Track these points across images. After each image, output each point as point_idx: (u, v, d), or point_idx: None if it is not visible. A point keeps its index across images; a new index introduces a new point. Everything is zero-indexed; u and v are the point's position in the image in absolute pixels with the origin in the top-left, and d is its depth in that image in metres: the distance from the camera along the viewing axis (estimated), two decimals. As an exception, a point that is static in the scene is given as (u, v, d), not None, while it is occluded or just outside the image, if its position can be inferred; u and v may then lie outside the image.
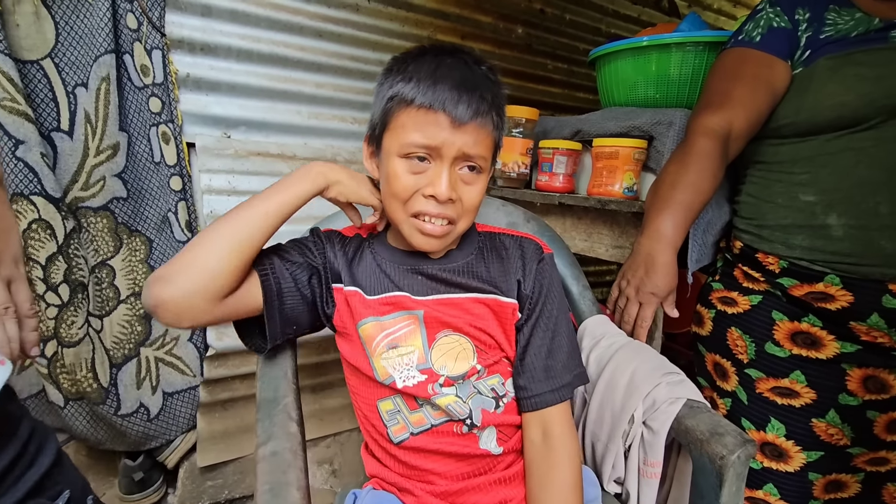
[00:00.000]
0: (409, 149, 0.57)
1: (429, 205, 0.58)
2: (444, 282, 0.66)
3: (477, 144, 0.58)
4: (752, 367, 0.84)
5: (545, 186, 1.15)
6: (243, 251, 0.56)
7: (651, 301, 0.79)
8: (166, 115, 1.06)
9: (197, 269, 0.53)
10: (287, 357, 0.67)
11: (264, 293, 0.59)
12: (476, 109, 0.56)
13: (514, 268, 0.68)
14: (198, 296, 0.53)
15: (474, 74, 0.58)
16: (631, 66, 1.10)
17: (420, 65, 0.58)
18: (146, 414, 1.06)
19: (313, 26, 1.21)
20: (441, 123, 0.55)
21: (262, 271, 0.60)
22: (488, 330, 0.65)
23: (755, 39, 0.82)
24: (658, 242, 0.78)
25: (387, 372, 0.62)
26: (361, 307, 0.64)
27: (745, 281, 0.87)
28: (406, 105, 0.57)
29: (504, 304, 0.66)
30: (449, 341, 0.63)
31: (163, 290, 0.52)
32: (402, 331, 0.63)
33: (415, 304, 0.64)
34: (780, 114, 0.81)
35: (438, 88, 0.55)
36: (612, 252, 1.02)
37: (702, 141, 0.81)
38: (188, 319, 0.54)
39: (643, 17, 1.88)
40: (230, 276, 0.55)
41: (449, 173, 0.57)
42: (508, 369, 0.67)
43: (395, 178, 0.59)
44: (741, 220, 0.89)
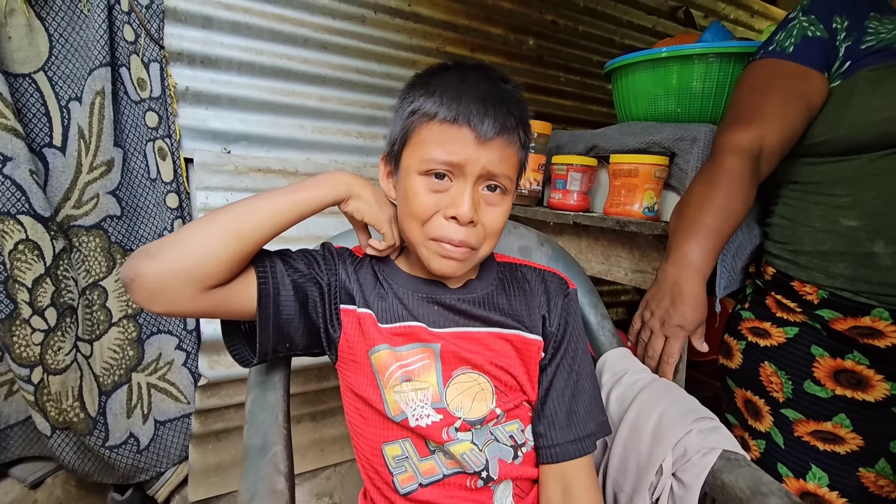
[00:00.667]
0: (430, 165, 0.53)
1: (449, 229, 0.54)
2: (462, 313, 0.60)
3: (502, 162, 0.54)
4: (789, 408, 0.76)
5: (558, 204, 1.09)
6: (242, 241, 0.50)
7: (678, 335, 0.72)
8: (163, 130, 1.02)
9: (187, 247, 0.48)
10: (279, 395, 0.61)
11: (259, 296, 0.53)
12: (503, 125, 0.52)
13: (538, 302, 0.63)
14: (182, 277, 0.47)
15: (500, 90, 0.55)
16: (650, 79, 1.04)
17: (444, 79, 0.55)
18: (136, 445, 1.00)
19: (318, 38, 1.17)
20: (465, 139, 0.52)
21: (262, 272, 0.54)
22: (510, 369, 0.59)
23: (788, 50, 0.76)
24: (685, 270, 0.72)
25: (399, 407, 0.56)
26: (375, 332, 0.58)
27: (778, 311, 0.80)
28: (428, 119, 0.53)
29: (528, 341, 0.60)
30: (466, 380, 0.58)
31: (144, 262, 0.47)
32: (416, 364, 0.57)
33: (431, 336, 0.58)
34: (817, 130, 0.74)
35: (463, 102, 0.52)
36: (631, 276, 0.95)
37: (731, 159, 0.74)
38: (165, 301, 0.48)
39: (658, 28, 1.82)
40: (222, 265, 0.49)
41: (472, 193, 0.53)
42: (529, 415, 0.60)
43: (415, 196, 0.54)
44: (773, 244, 0.82)
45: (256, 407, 0.58)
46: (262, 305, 0.53)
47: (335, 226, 1.14)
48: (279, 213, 0.53)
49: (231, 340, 0.58)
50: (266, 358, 0.57)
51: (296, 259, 0.59)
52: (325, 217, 0.87)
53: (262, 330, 0.54)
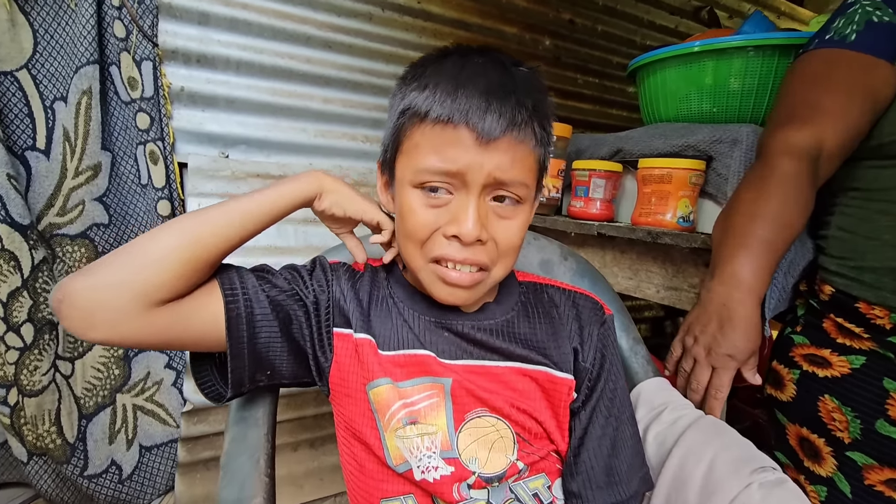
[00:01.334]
0: (424, 176, 0.45)
1: (451, 247, 0.45)
2: (478, 344, 0.51)
3: (514, 166, 0.44)
4: (858, 450, 0.66)
5: (580, 213, 1.00)
6: (198, 246, 0.43)
7: (728, 365, 0.62)
8: (155, 133, 0.95)
9: (129, 255, 0.41)
10: (262, 434, 0.52)
11: (228, 316, 0.45)
12: (511, 119, 0.43)
13: (568, 332, 0.54)
14: (122, 288, 0.39)
15: (510, 77, 0.45)
16: (681, 76, 0.95)
17: (439, 69, 0.45)
18: (117, 474, 0.92)
19: (321, 36, 1.11)
20: (463, 141, 0.43)
21: (229, 287, 0.45)
22: (535, 413, 0.50)
23: (849, 38, 0.66)
24: (736, 290, 0.62)
25: (402, 455, 0.47)
26: (374, 362, 0.49)
27: (840, 336, 0.70)
28: (420, 120, 0.45)
29: (558, 381, 0.51)
30: (483, 424, 0.48)
31: (76, 278, 0.39)
32: (423, 403, 0.48)
33: (441, 368, 0.49)
34: (885, 129, 0.64)
35: (460, 96, 0.42)
36: (664, 294, 0.85)
37: (785, 162, 0.65)
38: (104, 323, 0.39)
39: (681, 29, 1.74)
40: (174, 271, 0.41)
41: (477, 206, 0.44)
42: (558, 467, 0.51)
43: (410, 213, 0.46)
44: (830, 259, 0.72)
45: (234, 449, 0.50)
46: (233, 326, 0.45)
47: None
48: (242, 215, 0.46)
49: (201, 373, 0.49)
50: (242, 390, 0.48)
51: (274, 275, 0.50)
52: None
53: (235, 356, 0.45)
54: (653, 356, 0.77)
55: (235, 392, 0.48)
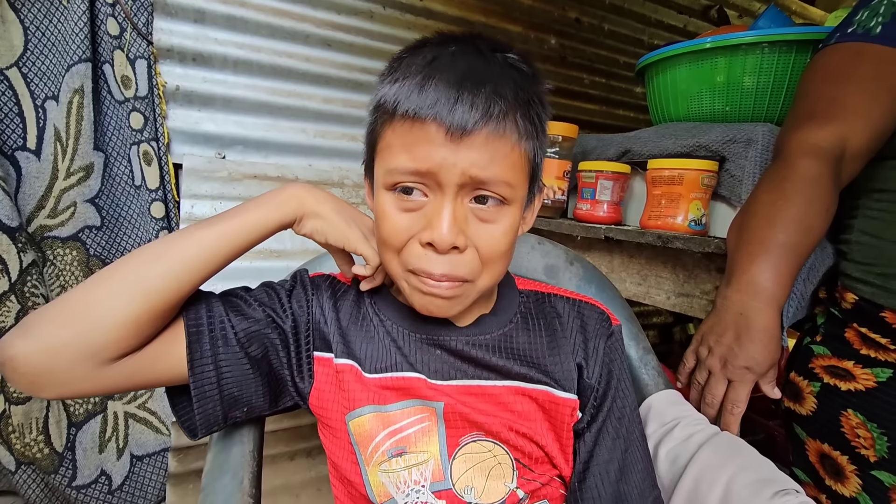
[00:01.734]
0: (395, 177, 0.41)
1: (428, 260, 0.40)
2: (472, 361, 0.47)
3: (493, 163, 0.39)
4: (885, 470, 0.62)
5: (586, 216, 0.97)
6: (149, 297, 0.38)
7: (745, 379, 0.59)
8: (149, 133, 0.93)
9: (69, 311, 0.37)
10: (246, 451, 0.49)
11: (191, 360, 0.41)
12: (485, 110, 0.38)
13: (572, 346, 0.49)
14: (66, 351, 0.36)
15: (488, 63, 0.40)
16: (692, 74, 0.91)
17: (413, 59, 0.41)
18: (107, 484, 0.89)
19: (321, 35, 1.08)
20: (433, 138, 0.38)
21: (192, 326, 0.42)
22: (536, 437, 0.46)
23: (874, 31, 0.62)
24: (754, 299, 0.58)
25: (386, 492, 0.44)
26: (357, 388, 0.46)
27: (864, 347, 0.66)
28: (389, 117, 0.41)
29: (559, 401, 0.47)
30: (478, 450, 0.45)
31: (14, 340, 0.36)
32: (413, 428, 0.45)
33: (432, 391, 0.45)
34: (915, 127, 0.61)
35: (427, 87, 0.38)
36: (675, 301, 0.81)
37: (806, 163, 0.61)
38: (52, 385, 0.37)
39: (689, 28, 1.70)
40: (122, 329, 0.37)
41: (453, 209, 0.40)
42: (561, 492, 0.47)
43: (383, 218, 0.42)
44: (853, 265, 0.68)
45: (216, 468, 0.47)
46: (197, 372, 0.41)
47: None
48: (201, 251, 0.41)
49: (178, 405, 0.45)
50: (215, 430, 0.45)
51: (247, 302, 0.46)
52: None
53: (202, 400, 0.42)
54: (664, 366, 0.73)
55: (207, 431, 0.44)
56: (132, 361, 0.39)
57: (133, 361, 0.39)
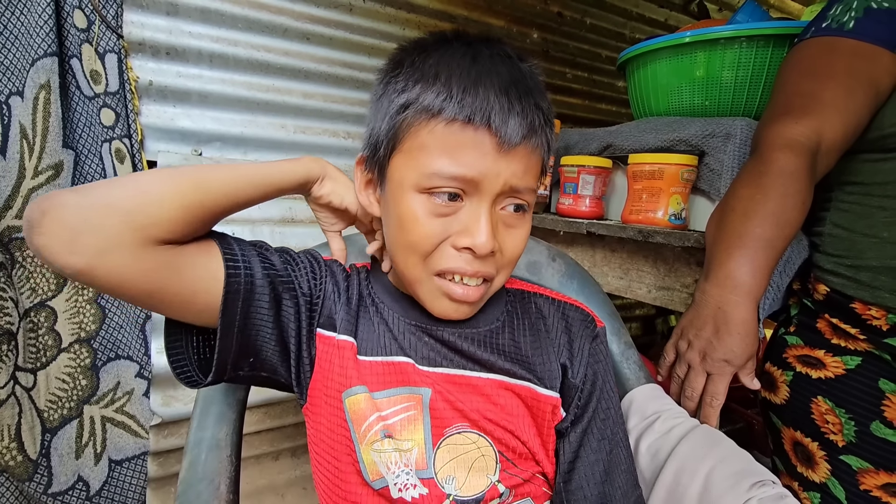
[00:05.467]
0: (435, 181, 0.40)
1: (462, 260, 0.41)
2: (460, 352, 0.47)
3: (527, 173, 0.42)
4: (852, 454, 0.63)
5: (569, 211, 0.97)
6: (201, 191, 0.38)
7: (724, 371, 0.60)
8: (121, 129, 0.90)
9: (128, 184, 0.36)
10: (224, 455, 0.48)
11: (226, 290, 0.39)
12: (531, 125, 0.40)
13: (556, 346, 0.50)
14: (119, 213, 0.34)
15: (524, 74, 0.42)
16: (672, 68, 0.92)
17: (448, 58, 0.41)
18: (85, 490, 0.87)
19: (299, 28, 1.06)
20: (483, 146, 0.39)
21: (230, 256, 0.40)
22: (519, 433, 0.46)
23: (847, 25, 0.63)
24: (732, 292, 0.59)
25: (378, 471, 0.43)
26: (351, 367, 0.45)
27: (834, 337, 0.67)
28: (430, 117, 0.40)
29: (542, 398, 0.47)
30: (462, 441, 0.45)
31: (65, 194, 0.34)
32: (398, 417, 0.44)
33: (419, 377, 0.46)
34: (887, 120, 0.62)
35: (480, 94, 0.39)
36: (655, 294, 0.82)
37: (783, 157, 0.62)
38: (89, 248, 0.33)
39: (670, 22, 1.71)
40: (175, 211, 0.36)
41: (490, 215, 0.41)
42: (544, 490, 0.47)
43: (415, 222, 0.41)
44: (826, 257, 0.69)
45: (191, 476, 0.45)
46: (230, 300, 0.39)
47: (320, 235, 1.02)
48: (246, 178, 0.42)
49: (176, 351, 0.42)
50: (222, 377, 0.42)
51: (271, 253, 0.46)
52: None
53: (225, 335, 0.39)
54: (645, 359, 0.74)
55: (216, 378, 0.42)
56: (168, 254, 0.37)
57: (169, 254, 0.37)
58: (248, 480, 1.07)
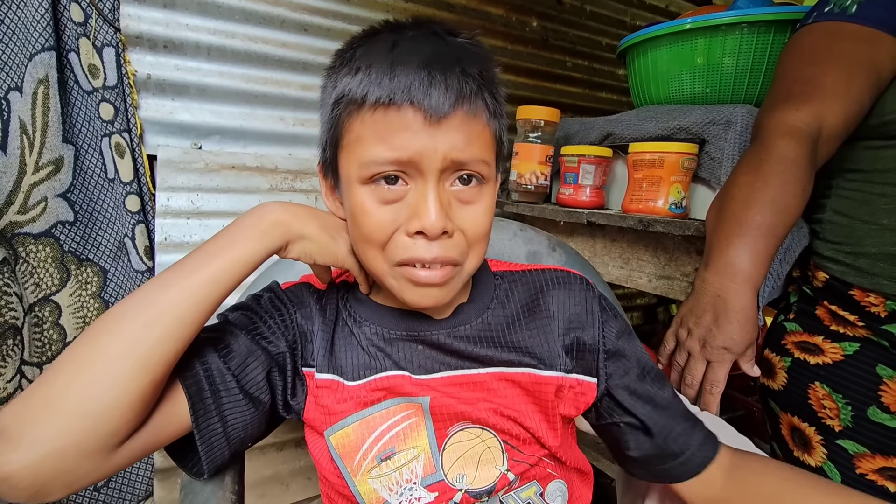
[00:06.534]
0: (372, 169, 0.39)
1: (418, 247, 0.40)
2: (455, 353, 0.47)
3: (470, 143, 0.40)
4: (849, 439, 0.64)
5: (569, 201, 0.97)
6: (152, 365, 0.35)
7: (723, 358, 0.60)
8: (121, 124, 0.90)
9: (69, 407, 0.33)
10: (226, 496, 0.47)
11: (196, 418, 0.40)
12: (459, 91, 0.38)
13: (555, 322, 0.49)
14: (74, 451, 0.32)
15: (449, 45, 0.40)
16: (672, 56, 0.92)
17: (370, 48, 0.40)
18: (93, 481, 0.89)
19: (297, 19, 1.05)
20: (410, 123, 0.38)
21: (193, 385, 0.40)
22: (521, 419, 0.46)
23: (850, 10, 0.63)
24: (731, 280, 0.59)
25: (378, 497, 0.44)
26: (335, 402, 0.45)
27: (833, 323, 0.68)
28: (358, 108, 0.39)
29: (542, 381, 0.47)
30: (467, 438, 0.45)
31: (6, 456, 0.31)
32: (399, 426, 0.45)
33: (417, 387, 0.45)
34: (888, 107, 0.62)
35: (399, 71, 0.37)
36: (656, 283, 0.82)
37: (784, 144, 0.62)
38: (61, 489, 0.33)
39: (672, 8, 1.69)
40: (130, 409, 0.34)
41: (437, 193, 0.39)
42: (549, 471, 0.48)
43: (364, 214, 0.41)
44: (825, 244, 0.70)
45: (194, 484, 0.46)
46: (202, 427, 0.40)
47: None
48: (195, 303, 0.38)
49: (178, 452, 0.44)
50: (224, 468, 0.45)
51: (233, 334, 0.44)
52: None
53: (209, 450, 0.41)
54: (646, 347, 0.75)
55: (215, 472, 0.44)
56: (139, 438, 0.37)
57: (139, 438, 0.37)
58: (253, 471, 1.08)
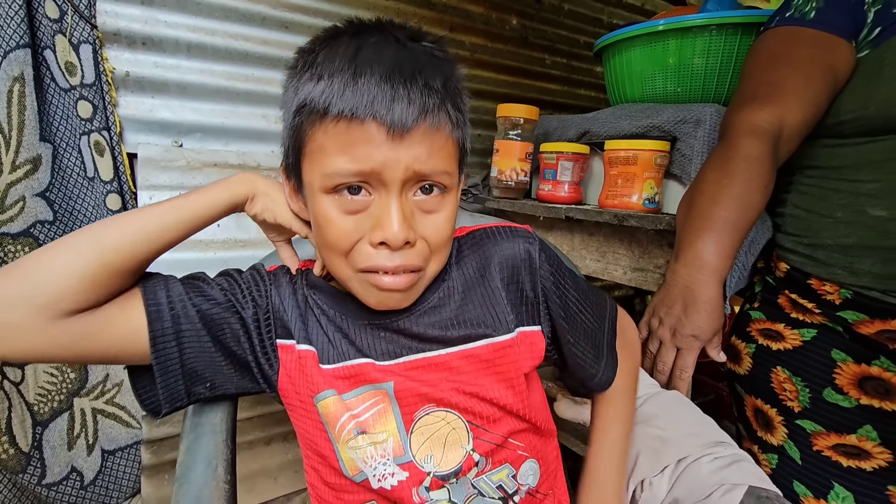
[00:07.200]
0: (335, 179, 0.40)
1: (381, 256, 0.41)
2: (415, 337, 0.49)
3: (433, 155, 0.41)
4: (807, 419, 0.69)
5: (548, 197, 1.00)
6: (107, 254, 0.40)
7: (692, 346, 0.64)
8: (100, 122, 0.89)
9: (24, 267, 0.38)
10: (219, 440, 0.50)
11: (152, 331, 0.42)
12: (422, 106, 0.39)
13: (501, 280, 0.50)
14: (21, 301, 0.37)
15: (412, 54, 0.40)
16: (646, 56, 0.95)
17: (332, 52, 0.40)
18: (79, 480, 0.89)
19: (277, 16, 1.05)
20: (373, 136, 0.38)
21: (152, 299, 0.43)
22: (484, 393, 0.48)
23: (809, 15, 0.67)
24: (699, 272, 0.63)
25: (356, 466, 0.46)
26: (317, 375, 0.47)
27: (793, 311, 0.72)
28: (320, 118, 0.40)
29: (500, 346, 0.49)
30: (432, 421, 0.47)
31: None
32: (370, 412, 0.47)
33: (381, 373, 0.47)
34: (843, 107, 0.66)
35: (361, 84, 0.38)
36: (631, 275, 0.86)
37: (748, 142, 0.65)
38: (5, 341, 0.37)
39: (647, 7, 1.73)
40: (78, 280, 0.38)
41: (400, 204, 0.40)
42: (519, 453, 0.50)
43: (328, 223, 0.42)
44: (786, 236, 0.74)
45: (189, 459, 0.48)
46: (158, 343, 0.43)
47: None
48: (159, 221, 0.43)
49: (139, 381, 0.46)
50: (179, 405, 0.46)
51: (209, 284, 0.47)
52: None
53: (164, 372, 0.44)
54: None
55: (171, 408, 0.46)
56: (86, 319, 0.39)
57: (87, 319, 0.40)
58: (242, 465, 1.09)
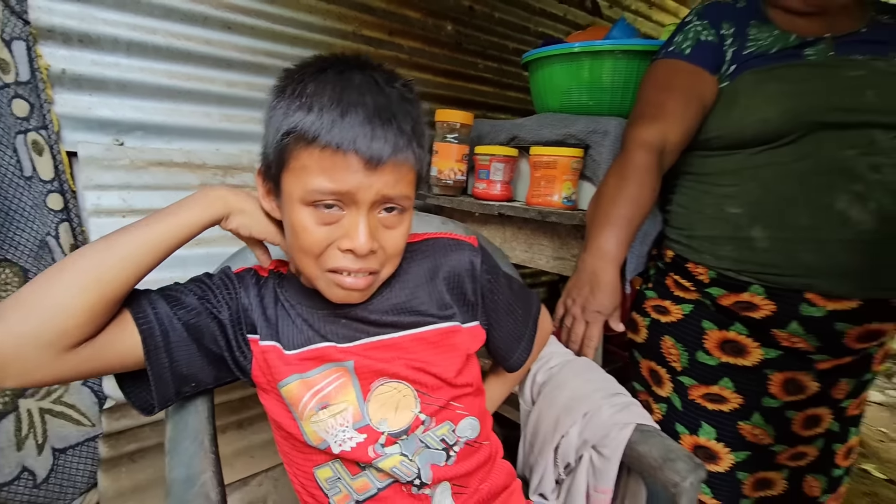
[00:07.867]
0: (317, 196, 0.49)
1: (346, 259, 0.51)
2: (372, 323, 0.58)
3: (398, 183, 0.50)
4: (685, 375, 0.87)
5: (483, 194, 1.12)
6: (102, 286, 0.45)
7: (597, 319, 0.79)
8: (36, 120, 0.88)
9: (31, 304, 0.42)
10: (203, 418, 0.57)
11: (146, 348, 0.49)
12: (395, 145, 0.48)
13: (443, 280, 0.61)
14: (31, 339, 0.41)
15: (389, 99, 0.49)
16: (564, 72, 1.09)
17: (321, 87, 0.48)
18: (31, 479, 0.89)
19: (219, 17, 1.07)
20: (352, 166, 0.47)
21: (142, 318, 0.49)
22: (429, 368, 0.58)
23: (685, 52, 0.83)
24: (601, 260, 0.77)
25: (319, 437, 0.55)
26: (281, 364, 0.55)
27: (676, 290, 0.90)
28: (308, 144, 0.47)
29: (445, 331, 0.60)
30: (386, 390, 0.57)
31: None
32: (331, 386, 0.55)
33: (342, 354, 0.56)
34: (709, 127, 0.83)
35: (347, 123, 0.46)
36: (553, 263, 1.01)
37: (639, 154, 0.81)
38: (15, 373, 0.42)
39: (568, 17, 1.90)
40: (81, 317, 0.43)
41: (367, 220, 0.50)
42: (458, 412, 0.61)
43: (303, 231, 0.50)
44: (672, 229, 0.91)
45: (178, 435, 0.54)
46: (152, 357, 0.49)
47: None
48: (145, 246, 0.48)
49: (128, 387, 0.53)
50: (169, 404, 0.54)
51: (185, 293, 0.54)
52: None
53: (158, 380, 0.51)
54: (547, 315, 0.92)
55: (162, 407, 0.53)
56: (88, 349, 0.45)
57: (88, 350, 0.45)
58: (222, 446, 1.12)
